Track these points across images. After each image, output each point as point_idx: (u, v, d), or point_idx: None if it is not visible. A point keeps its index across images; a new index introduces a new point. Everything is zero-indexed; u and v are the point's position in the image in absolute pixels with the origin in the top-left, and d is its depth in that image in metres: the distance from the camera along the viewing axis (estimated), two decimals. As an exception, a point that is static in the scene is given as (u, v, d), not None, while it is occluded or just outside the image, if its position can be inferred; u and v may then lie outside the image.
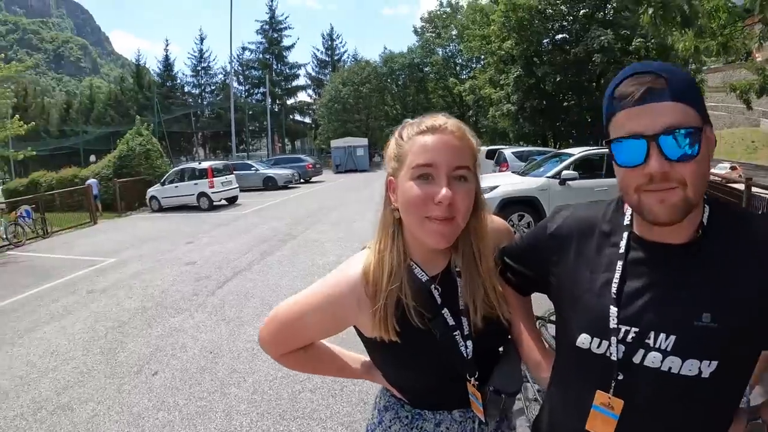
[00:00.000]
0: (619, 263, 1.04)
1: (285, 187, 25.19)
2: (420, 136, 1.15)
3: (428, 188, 1.11)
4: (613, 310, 1.02)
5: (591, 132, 25.19)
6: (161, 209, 18.82)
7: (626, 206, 1.10)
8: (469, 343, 1.22)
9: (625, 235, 1.07)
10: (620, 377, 1.00)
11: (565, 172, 9.77)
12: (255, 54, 62.26)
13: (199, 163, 19.64)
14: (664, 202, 0.93)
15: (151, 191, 19.27)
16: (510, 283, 1.35)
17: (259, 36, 62.22)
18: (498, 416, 1.26)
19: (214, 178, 18.02)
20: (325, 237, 10.65)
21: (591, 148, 11.64)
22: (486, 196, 9.70)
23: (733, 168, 28.15)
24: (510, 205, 9.43)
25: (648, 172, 0.91)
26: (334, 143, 39.43)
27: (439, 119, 1.17)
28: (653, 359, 0.97)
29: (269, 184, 25.21)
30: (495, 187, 9.65)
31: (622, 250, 1.05)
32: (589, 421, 1.04)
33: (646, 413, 1.00)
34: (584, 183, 9.64)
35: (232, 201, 19.29)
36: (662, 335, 0.97)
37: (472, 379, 1.23)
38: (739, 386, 1.02)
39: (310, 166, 30.06)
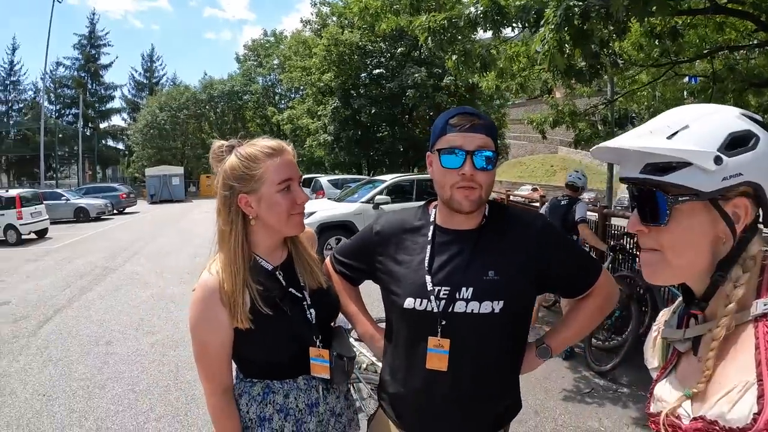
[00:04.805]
0: (428, 246, 1.46)
1: (98, 219, 23.09)
2: (274, 159, 1.44)
3: (291, 196, 1.45)
4: (428, 278, 1.41)
5: (403, 160, 27.11)
6: (-43, 243, 15.62)
7: (430, 208, 1.55)
8: (313, 311, 1.52)
9: (431, 227, 1.50)
10: (444, 323, 1.37)
11: (378, 197, 10.58)
12: (70, 71, 55.43)
13: (6, 191, 16.85)
14: (468, 197, 1.37)
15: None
16: (343, 275, 1.70)
17: (76, 51, 55.58)
18: (343, 381, 1.54)
19: (23, 208, 15.59)
20: (144, 270, 10.41)
21: (402, 174, 12.80)
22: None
23: (534, 189, 32.14)
24: (327, 230, 9.84)
25: (462, 173, 1.34)
26: (149, 171, 37.10)
27: (273, 142, 1.48)
28: (461, 306, 1.37)
29: (81, 216, 22.77)
30: (312, 213, 9.94)
31: (429, 238, 1.48)
32: (428, 361, 1.39)
33: (466, 344, 1.38)
34: (396, 206, 9.82)
35: (41, 234, 16.95)
36: (463, 288, 1.38)
37: (318, 341, 1.50)
38: (524, 318, 1.49)
39: (124, 195, 27.96)
